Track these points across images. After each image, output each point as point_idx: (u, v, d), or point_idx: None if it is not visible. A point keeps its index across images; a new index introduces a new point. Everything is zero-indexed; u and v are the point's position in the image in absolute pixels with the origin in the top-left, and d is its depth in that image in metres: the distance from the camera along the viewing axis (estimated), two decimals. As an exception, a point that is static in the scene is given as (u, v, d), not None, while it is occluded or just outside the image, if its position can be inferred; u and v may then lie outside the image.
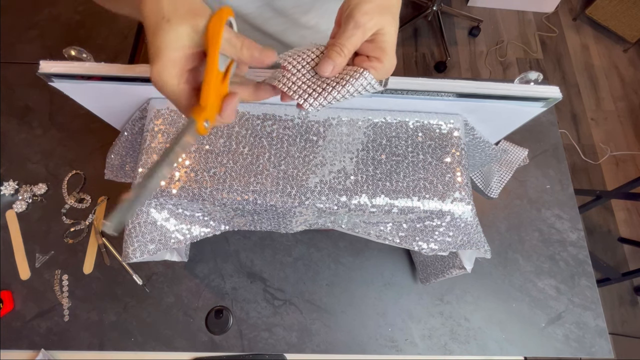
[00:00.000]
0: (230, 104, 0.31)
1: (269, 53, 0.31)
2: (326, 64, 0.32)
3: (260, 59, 0.31)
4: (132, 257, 0.47)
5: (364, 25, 0.31)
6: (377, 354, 0.68)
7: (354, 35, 0.31)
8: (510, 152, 0.80)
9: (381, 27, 0.31)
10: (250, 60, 0.31)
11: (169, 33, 0.28)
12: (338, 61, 0.32)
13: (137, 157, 0.49)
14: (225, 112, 0.31)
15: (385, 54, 0.32)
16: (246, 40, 0.31)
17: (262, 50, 0.31)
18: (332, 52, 0.31)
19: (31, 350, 0.66)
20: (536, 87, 0.43)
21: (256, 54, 0.31)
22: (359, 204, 0.45)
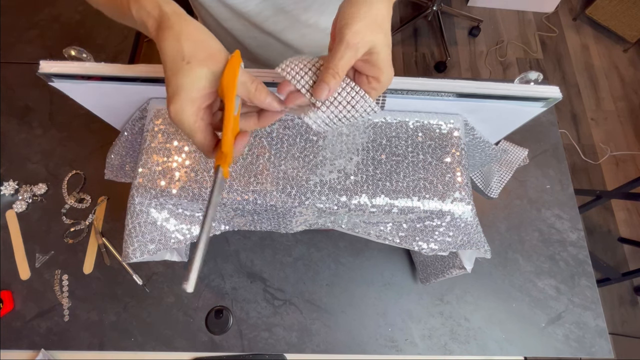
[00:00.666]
0: (242, 141, 0.34)
1: (278, 102, 0.34)
2: (322, 89, 0.32)
3: (271, 104, 0.33)
4: (132, 257, 0.47)
5: (355, 45, 0.31)
6: (377, 354, 0.68)
7: (346, 55, 0.31)
8: (510, 152, 0.80)
9: (373, 46, 0.32)
10: (261, 104, 0.33)
11: (189, 75, 0.30)
12: (332, 84, 0.32)
13: (137, 157, 0.49)
14: (237, 150, 0.33)
15: (381, 72, 0.33)
16: (260, 84, 0.32)
17: (273, 97, 0.33)
18: (327, 75, 0.32)
19: (31, 350, 0.66)
20: (536, 87, 0.43)
21: (267, 100, 0.33)
22: (359, 204, 0.45)
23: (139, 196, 0.45)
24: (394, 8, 2.17)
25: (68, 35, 0.92)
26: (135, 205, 0.45)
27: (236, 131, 0.33)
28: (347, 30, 0.31)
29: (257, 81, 0.32)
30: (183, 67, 0.30)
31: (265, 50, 0.68)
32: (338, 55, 0.31)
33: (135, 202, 0.45)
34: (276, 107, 0.34)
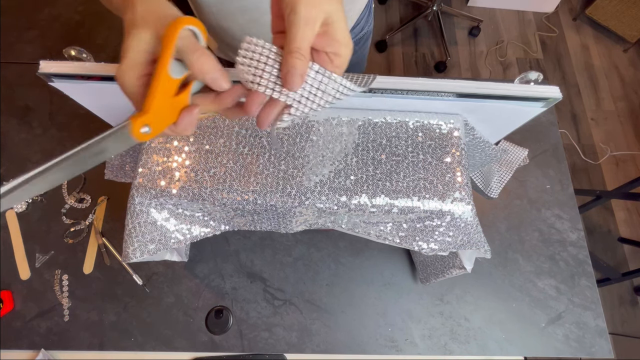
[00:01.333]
0: (187, 115, 0.31)
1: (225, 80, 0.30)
2: (294, 78, 0.29)
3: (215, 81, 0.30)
4: (132, 257, 0.47)
5: (313, 19, 0.28)
6: (377, 354, 0.68)
7: (307, 32, 0.28)
8: (510, 152, 0.80)
9: (328, 15, 0.29)
10: (203, 79, 0.30)
11: (134, 39, 0.29)
12: (303, 68, 0.29)
13: (137, 157, 0.49)
14: (180, 123, 0.31)
15: (341, 45, 0.30)
16: (205, 56, 0.29)
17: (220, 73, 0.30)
18: (295, 59, 0.28)
19: (31, 350, 0.66)
20: (536, 87, 0.43)
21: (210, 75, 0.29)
22: (359, 203, 0.45)
23: (139, 196, 0.45)
24: (394, 8, 2.15)
25: (68, 35, 0.93)
26: (135, 205, 0.45)
27: (183, 103, 0.31)
28: (300, 2, 0.28)
29: (201, 51, 0.29)
30: (131, 31, 0.29)
31: None
32: (299, 34, 0.28)
33: (135, 202, 0.45)
34: (222, 86, 0.30)
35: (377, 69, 1.98)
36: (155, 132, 0.30)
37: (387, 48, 2.02)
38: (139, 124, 0.29)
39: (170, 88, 0.29)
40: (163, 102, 0.29)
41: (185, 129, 0.31)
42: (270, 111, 0.32)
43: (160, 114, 0.29)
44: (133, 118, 0.29)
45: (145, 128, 0.29)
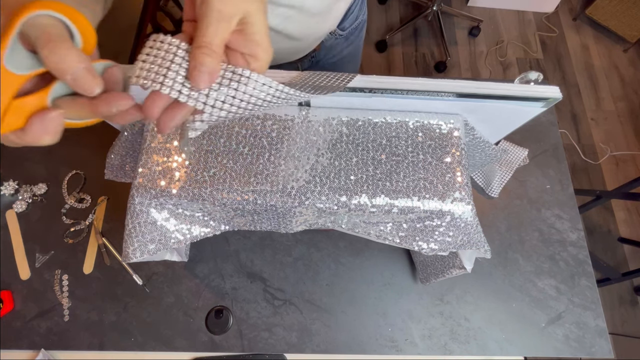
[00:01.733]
0: (38, 120, 0.25)
1: (92, 82, 0.24)
2: (202, 75, 0.25)
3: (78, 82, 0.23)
4: (132, 257, 0.47)
5: (228, 14, 0.25)
6: (377, 354, 0.68)
7: (219, 27, 0.25)
8: (510, 152, 0.80)
9: (246, 14, 0.26)
10: (59, 76, 0.23)
11: None
12: (213, 65, 0.25)
13: (137, 157, 0.49)
14: (29, 130, 0.25)
15: (259, 47, 0.27)
16: (62, 49, 0.23)
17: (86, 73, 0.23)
18: (203, 55, 0.25)
19: (31, 350, 0.66)
20: (536, 87, 0.43)
21: (68, 76, 0.23)
22: (359, 203, 0.45)
23: (139, 196, 0.45)
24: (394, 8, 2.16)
25: (68, 35, 0.92)
26: (135, 205, 0.45)
27: (39, 105, 0.25)
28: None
29: (58, 43, 0.23)
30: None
31: None
32: (211, 28, 0.25)
33: (135, 202, 0.45)
34: (88, 89, 0.24)
35: (377, 69, 1.98)
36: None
37: (387, 48, 2.02)
38: None
39: (10, 85, 0.24)
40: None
41: (38, 136, 0.25)
42: (174, 115, 0.27)
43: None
44: None
45: None
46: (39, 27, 0.23)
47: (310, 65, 0.76)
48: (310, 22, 0.62)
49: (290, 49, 0.68)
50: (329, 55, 0.76)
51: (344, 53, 0.77)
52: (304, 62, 0.75)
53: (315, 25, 0.64)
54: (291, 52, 0.69)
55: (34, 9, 0.23)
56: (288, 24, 0.59)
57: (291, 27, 0.60)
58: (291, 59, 0.72)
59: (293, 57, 0.72)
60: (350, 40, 0.76)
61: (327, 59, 0.77)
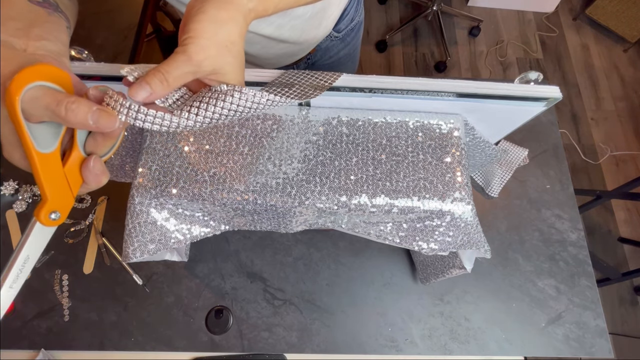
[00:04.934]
0: (87, 172, 0.28)
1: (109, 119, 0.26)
2: (140, 89, 0.27)
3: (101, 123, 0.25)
4: (132, 257, 0.47)
5: (198, 63, 0.28)
6: (377, 354, 0.68)
7: (183, 68, 0.28)
8: (510, 152, 0.80)
9: (220, 67, 0.29)
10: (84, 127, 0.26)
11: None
12: (157, 89, 0.27)
13: (137, 157, 0.49)
14: (89, 182, 0.29)
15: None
16: (74, 104, 0.24)
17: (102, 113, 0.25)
18: (153, 78, 0.27)
19: (31, 350, 0.66)
20: (536, 87, 0.43)
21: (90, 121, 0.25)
22: (359, 203, 0.45)
23: (139, 196, 0.45)
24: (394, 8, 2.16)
25: (68, 35, 0.92)
26: (135, 205, 0.45)
27: (78, 159, 0.28)
28: (193, 45, 0.28)
29: (66, 100, 0.24)
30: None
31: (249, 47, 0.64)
32: (175, 63, 0.27)
33: (135, 202, 0.45)
34: (109, 126, 0.26)
35: (377, 69, 1.98)
36: (66, 210, 0.28)
37: (387, 48, 2.02)
38: (44, 216, 0.27)
39: (52, 161, 0.26)
40: (55, 178, 0.26)
41: (98, 182, 0.29)
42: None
43: (59, 191, 0.27)
44: (36, 213, 0.27)
45: (53, 214, 0.27)
46: (35, 100, 0.24)
47: (305, 68, 0.76)
48: (304, 28, 0.63)
49: (286, 53, 0.68)
50: (325, 57, 0.76)
51: (340, 55, 0.77)
52: (300, 65, 0.75)
53: (309, 30, 0.64)
54: (286, 55, 0.70)
55: (18, 90, 0.23)
56: (282, 31, 0.61)
57: (286, 34, 0.62)
58: (287, 62, 0.73)
59: (288, 60, 0.72)
60: (346, 42, 0.76)
61: (323, 60, 0.77)
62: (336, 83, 0.42)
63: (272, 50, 0.66)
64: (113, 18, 0.93)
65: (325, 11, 0.64)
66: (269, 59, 0.69)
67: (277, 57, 0.69)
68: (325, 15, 0.65)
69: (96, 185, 0.30)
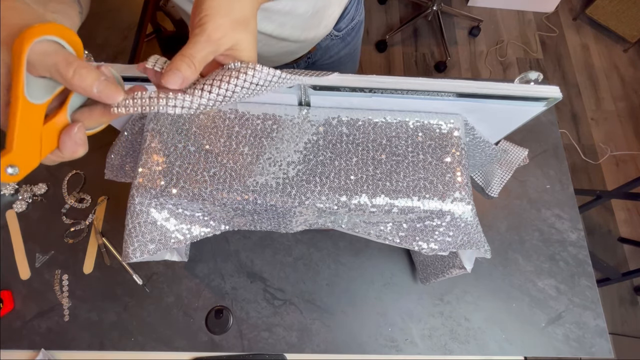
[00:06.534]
0: (67, 138, 0.27)
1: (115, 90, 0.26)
2: (174, 76, 0.28)
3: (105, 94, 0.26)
4: (132, 257, 0.47)
5: (217, 41, 0.29)
6: (377, 354, 0.68)
7: (206, 49, 0.28)
8: (510, 152, 0.80)
9: (236, 43, 0.30)
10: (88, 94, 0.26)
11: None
12: (187, 74, 0.28)
13: (137, 157, 0.49)
14: (64, 148, 0.28)
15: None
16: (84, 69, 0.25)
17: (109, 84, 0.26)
18: (182, 63, 0.28)
19: (31, 350, 0.66)
20: (536, 87, 0.43)
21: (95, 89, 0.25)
22: (359, 203, 0.45)
23: (139, 196, 0.45)
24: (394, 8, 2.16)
25: (68, 35, 0.92)
26: (135, 205, 0.45)
27: (62, 123, 0.27)
28: (210, 23, 0.28)
29: (77, 64, 0.25)
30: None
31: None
32: (198, 46, 0.28)
33: (135, 202, 0.45)
34: (113, 97, 0.27)
35: (377, 69, 1.98)
36: (26, 169, 0.26)
37: (387, 48, 2.02)
38: (1, 166, 0.25)
39: (35, 114, 0.25)
40: (29, 132, 0.25)
41: (74, 151, 0.28)
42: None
43: (28, 147, 0.25)
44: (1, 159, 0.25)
45: (11, 169, 0.25)
46: (46, 54, 0.24)
47: (306, 67, 0.77)
48: (305, 26, 0.63)
49: (286, 52, 0.69)
50: (325, 57, 0.76)
51: (341, 54, 0.78)
52: (300, 64, 0.75)
53: (310, 29, 0.65)
54: (287, 54, 0.70)
55: (33, 37, 0.24)
56: (283, 29, 0.61)
57: (287, 32, 0.62)
58: (287, 60, 0.73)
59: (289, 58, 0.72)
60: (347, 41, 0.76)
61: (323, 60, 0.77)
62: (336, 83, 0.42)
63: (272, 49, 0.66)
64: (113, 18, 0.93)
65: (326, 10, 0.64)
66: (269, 57, 0.69)
67: (277, 56, 0.69)
68: (326, 14, 0.65)
69: (69, 155, 0.28)
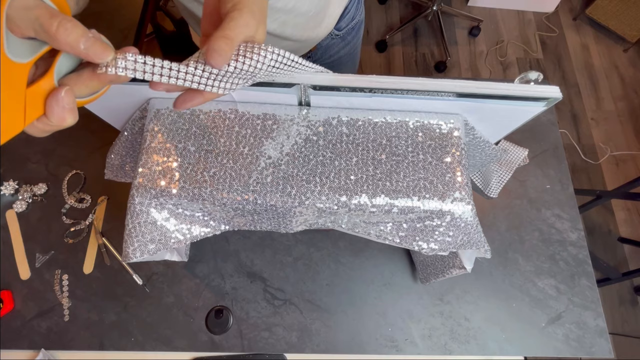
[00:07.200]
0: (54, 102, 0.25)
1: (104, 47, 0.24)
2: (219, 57, 0.27)
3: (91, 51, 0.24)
4: (132, 257, 0.47)
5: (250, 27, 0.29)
6: (377, 354, 0.68)
7: (244, 33, 0.29)
8: (510, 152, 0.80)
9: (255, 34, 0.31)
10: (73, 51, 0.23)
11: None
12: (229, 54, 0.28)
13: (137, 157, 0.49)
14: (51, 115, 0.25)
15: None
16: (69, 22, 0.23)
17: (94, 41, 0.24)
18: (223, 43, 0.27)
19: (31, 350, 0.66)
20: (536, 87, 0.43)
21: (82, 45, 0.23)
22: (359, 203, 0.45)
23: (139, 196, 0.45)
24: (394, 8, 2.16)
25: (68, 35, 0.92)
26: (135, 205, 0.45)
27: (48, 87, 0.25)
28: (247, 8, 0.29)
29: (62, 17, 0.23)
30: None
31: None
32: (237, 30, 0.28)
33: (135, 202, 0.45)
34: (101, 54, 0.24)
35: (377, 69, 1.98)
36: (8, 134, 0.24)
37: (387, 48, 2.02)
38: None
39: (17, 74, 0.23)
40: (10, 94, 0.23)
41: (60, 118, 0.25)
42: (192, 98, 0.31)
43: (10, 109, 0.23)
44: None
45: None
46: (27, 9, 0.22)
47: None
48: (307, 25, 0.64)
49: (287, 50, 0.69)
50: (325, 56, 0.76)
51: (341, 53, 0.78)
52: None
53: (312, 29, 0.65)
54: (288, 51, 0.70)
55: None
56: (285, 28, 0.61)
57: (289, 31, 0.62)
58: None
59: None
60: (347, 41, 0.76)
61: (324, 59, 0.77)
62: (336, 83, 0.42)
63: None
64: (113, 18, 0.93)
65: (327, 9, 0.64)
66: None
67: None
68: (327, 14, 0.65)
69: (57, 122, 0.26)
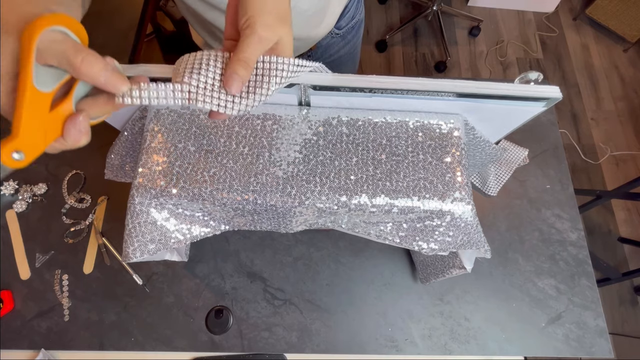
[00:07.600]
0: (71, 126, 0.28)
1: (122, 81, 0.28)
2: (236, 82, 0.30)
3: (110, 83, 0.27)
4: (132, 257, 0.47)
5: (267, 39, 0.31)
6: (377, 354, 0.68)
7: (258, 49, 0.31)
8: (510, 152, 0.80)
9: (279, 38, 0.32)
10: (95, 83, 0.27)
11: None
12: (246, 77, 0.31)
13: (137, 157, 0.49)
14: (68, 136, 0.28)
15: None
16: (92, 56, 0.26)
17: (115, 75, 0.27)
18: (239, 67, 0.30)
19: (31, 350, 0.66)
20: (536, 87, 0.43)
21: (103, 78, 0.27)
22: (359, 203, 0.45)
23: (139, 196, 0.45)
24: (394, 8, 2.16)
25: (68, 35, 0.92)
26: (135, 205, 0.45)
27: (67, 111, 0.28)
28: (258, 24, 0.30)
29: (86, 52, 0.26)
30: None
31: None
32: (251, 48, 0.30)
33: (135, 202, 0.45)
34: (119, 87, 0.28)
35: (377, 69, 1.98)
36: (32, 155, 0.27)
37: (387, 48, 2.02)
38: (7, 151, 0.25)
39: (42, 102, 0.26)
40: (35, 119, 0.26)
41: (76, 140, 0.29)
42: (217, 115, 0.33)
43: (34, 133, 0.26)
44: (4, 144, 0.25)
45: (17, 154, 0.26)
46: (54, 43, 0.25)
47: None
48: (307, 24, 0.64)
49: None
50: (325, 55, 0.76)
51: (341, 52, 0.78)
52: None
53: (312, 28, 0.65)
54: None
55: (42, 26, 0.25)
56: None
57: None
58: None
59: None
60: (347, 40, 0.76)
61: (324, 58, 0.77)
62: (336, 83, 0.42)
63: None
64: (113, 18, 0.93)
65: (327, 8, 0.65)
66: None
67: None
68: (327, 13, 0.66)
69: (72, 144, 0.29)
